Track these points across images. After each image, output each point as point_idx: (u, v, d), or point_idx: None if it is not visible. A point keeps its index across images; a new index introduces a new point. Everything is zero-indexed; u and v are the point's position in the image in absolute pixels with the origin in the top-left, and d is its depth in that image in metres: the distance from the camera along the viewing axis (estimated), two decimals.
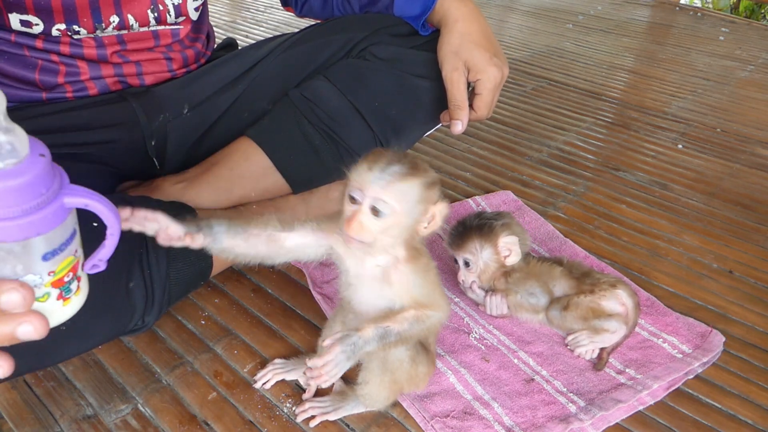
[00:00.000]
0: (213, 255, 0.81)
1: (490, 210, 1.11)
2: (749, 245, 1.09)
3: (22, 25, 0.79)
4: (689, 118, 1.66)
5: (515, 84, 1.81)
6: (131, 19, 0.85)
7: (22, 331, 0.40)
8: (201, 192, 0.86)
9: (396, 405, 0.72)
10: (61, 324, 0.58)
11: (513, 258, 0.84)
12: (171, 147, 0.91)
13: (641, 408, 0.74)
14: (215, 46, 1.06)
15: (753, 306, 0.94)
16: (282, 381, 0.74)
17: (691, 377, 0.79)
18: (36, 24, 0.79)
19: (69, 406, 0.70)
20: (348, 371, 0.74)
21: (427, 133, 1.06)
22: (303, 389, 0.74)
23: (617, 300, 0.81)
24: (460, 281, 0.86)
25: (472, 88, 0.91)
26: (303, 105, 0.90)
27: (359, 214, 0.56)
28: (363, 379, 0.67)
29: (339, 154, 0.91)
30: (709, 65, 2.16)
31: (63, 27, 0.80)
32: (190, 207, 0.82)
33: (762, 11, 3.52)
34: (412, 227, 0.58)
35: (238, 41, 1.14)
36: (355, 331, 0.59)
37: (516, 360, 0.79)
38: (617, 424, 0.72)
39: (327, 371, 0.58)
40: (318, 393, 0.73)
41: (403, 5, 0.96)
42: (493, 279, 0.85)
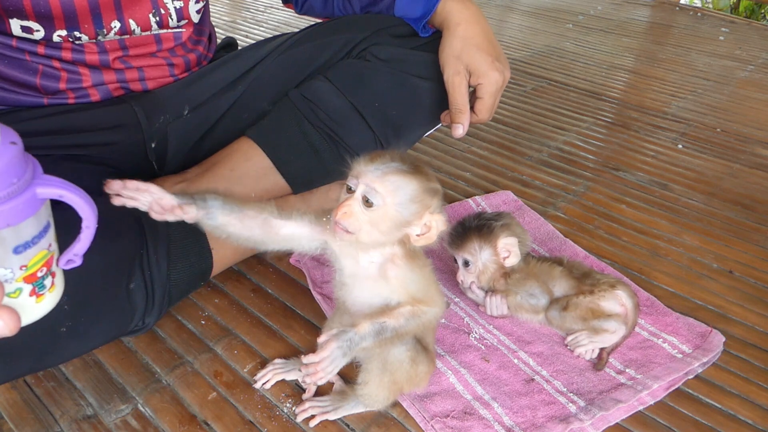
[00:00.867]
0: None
1: (490, 210, 1.11)
2: (749, 245, 1.09)
3: (23, 31, 0.79)
4: (689, 118, 1.66)
5: (515, 84, 1.81)
6: (133, 24, 0.85)
7: None
8: None
9: (396, 405, 0.72)
10: (62, 326, 0.56)
11: (512, 259, 0.84)
12: (171, 148, 0.91)
13: (641, 408, 0.74)
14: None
15: (753, 306, 0.94)
16: (282, 381, 0.74)
17: (691, 377, 0.79)
18: (37, 30, 0.79)
19: (69, 406, 0.70)
20: (348, 371, 0.75)
21: (427, 134, 1.06)
22: (303, 389, 0.74)
23: (617, 300, 0.81)
24: (459, 281, 0.86)
25: (473, 90, 0.91)
26: (303, 105, 0.91)
27: (350, 200, 0.56)
28: (363, 379, 0.67)
29: (339, 154, 0.91)
30: (709, 65, 2.16)
31: (64, 33, 0.80)
32: None
33: (762, 11, 3.52)
34: (400, 226, 0.58)
35: (238, 41, 1.14)
36: (351, 327, 0.59)
37: (516, 360, 0.79)
38: (617, 424, 0.72)
39: (323, 368, 0.58)
40: (318, 393, 0.73)
41: (405, 7, 0.96)
42: (493, 280, 0.85)
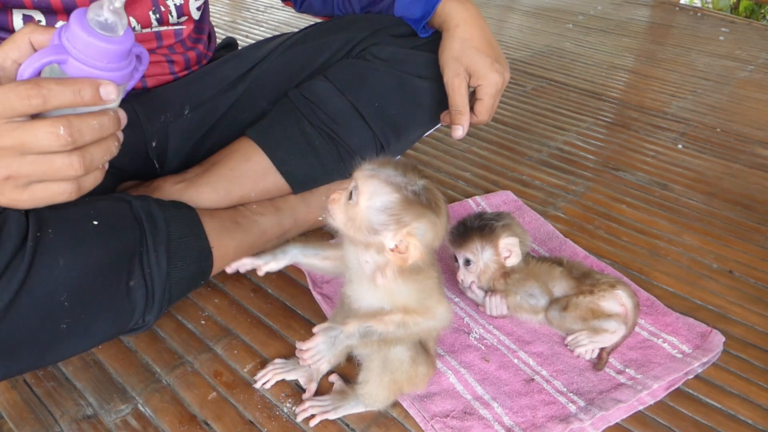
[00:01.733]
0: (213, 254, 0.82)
1: (490, 210, 1.11)
2: (749, 245, 1.09)
3: (24, 22, 0.78)
4: (689, 118, 1.66)
5: (515, 84, 1.81)
6: (133, 21, 0.84)
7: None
8: (201, 192, 0.86)
9: (396, 405, 0.72)
10: (62, 323, 0.64)
11: (513, 259, 0.84)
12: (172, 148, 0.91)
13: (641, 408, 0.74)
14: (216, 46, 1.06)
15: (753, 306, 0.94)
16: (282, 381, 0.74)
17: (691, 377, 0.79)
18: (38, 21, 0.78)
19: (69, 406, 0.70)
20: (349, 371, 0.75)
21: (427, 133, 1.06)
22: (303, 389, 0.74)
23: (616, 300, 0.81)
24: (459, 280, 0.86)
25: (472, 91, 0.91)
26: (303, 105, 0.91)
27: (341, 191, 0.61)
28: (363, 379, 0.68)
29: (339, 154, 0.91)
30: (709, 65, 2.16)
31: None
32: (190, 207, 0.82)
33: (762, 11, 3.52)
34: (370, 231, 0.59)
35: (238, 41, 1.14)
36: (340, 325, 0.62)
37: (516, 360, 0.79)
38: (617, 424, 0.72)
39: (309, 356, 0.62)
40: (318, 392, 0.73)
41: (404, 7, 0.96)
42: (493, 279, 0.85)
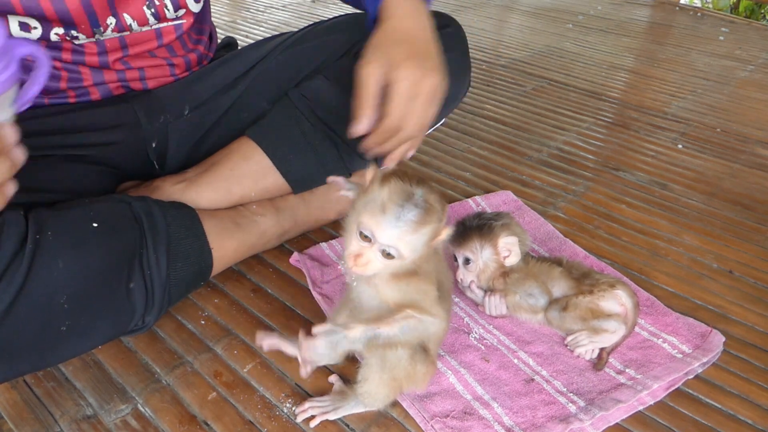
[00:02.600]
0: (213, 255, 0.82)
1: (489, 210, 1.11)
2: (749, 245, 1.09)
3: (21, 29, 0.78)
4: (689, 118, 1.66)
5: (515, 84, 1.81)
6: (128, 19, 0.84)
7: None
8: (201, 192, 0.86)
9: (396, 405, 0.72)
10: (62, 324, 0.60)
11: (512, 259, 0.84)
12: (172, 148, 0.91)
13: (641, 408, 0.74)
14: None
15: (753, 306, 0.94)
16: (282, 381, 0.74)
17: (691, 377, 0.79)
18: (34, 27, 0.78)
19: (69, 406, 0.70)
20: (348, 371, 0.75)
21: (427, 132, 1.06)
22: (303, 389, 0.74)
23: (616, 300, 0.81)
24: (458, 280, 0.86)
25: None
26: (303, 105, 0.91)
27: (369, 252, 0.57)
28: (362, 376, 0.67)
29: (339, 153, 0.91)
30: (709, 65, 2.16)
31: (61, 31, 0.79)
32: (190, 207, 0.82)
33: (762, 11, 3.52)
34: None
35: (238, 41, 1.14)
36: (343, 329, 0.61)
37: (516, 360, 0.79)
38: (617, 424, 0.72)
39: (307, 356, 0.64)
40: (318, 393, 0.73)
41: (369, 3, 0.86)
42: (492, 279, 0.85)
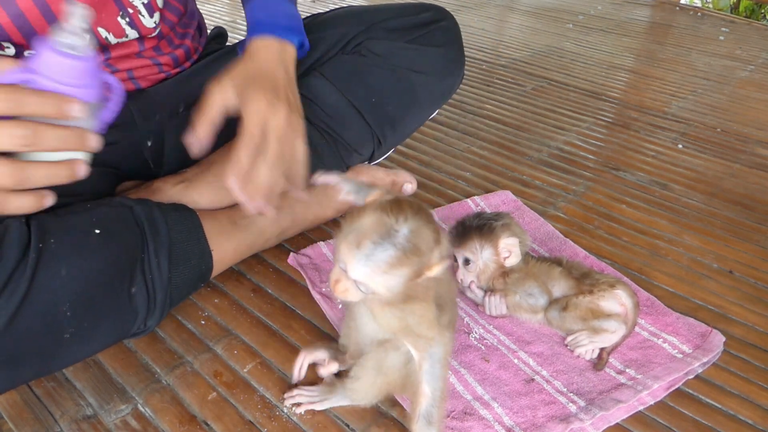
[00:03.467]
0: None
1: (489, 210, 1.11)
2: (749, 245, 1.09)
3: None
4: (689, 118, 1.66)
5: (515, 84, 1.81)
6: (104, 32, 0.81)
7: None
8: (201, 192, 0.86)
9: (396, 405, 0.72)
10: (65, 332, 0.65)
11: (513, 259, 0.84)
12: (168, 147, 0.91)
13: (641, 408, 0.74)
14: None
15: (753, 306, 0.94)
16: (282, 381, 0.74)
17: (691, 377, 0.79)
18: (7, 47, 0.75)
19: (69, 406, 0.70)
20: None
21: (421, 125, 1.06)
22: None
23: (616, 300, 0.81)
24: (458, 280, 0.86)
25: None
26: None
27: (346, 281, 0.54)
28: (355, 374, 0.67)
29: (337, 150, 0.91)
30: (709, 65, 2.16)
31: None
32: (191, 210, 0.82)
33: (762, 11, 3.52)
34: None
35: (238, 41, 1.14)
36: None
37: (516, 360, 0.79)
38: (617, 424, 0.72)
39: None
40: (309, 382, 0.73)
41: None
42: (492, 279, 0.85)
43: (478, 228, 0.84)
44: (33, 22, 0.74)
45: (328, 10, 1.04)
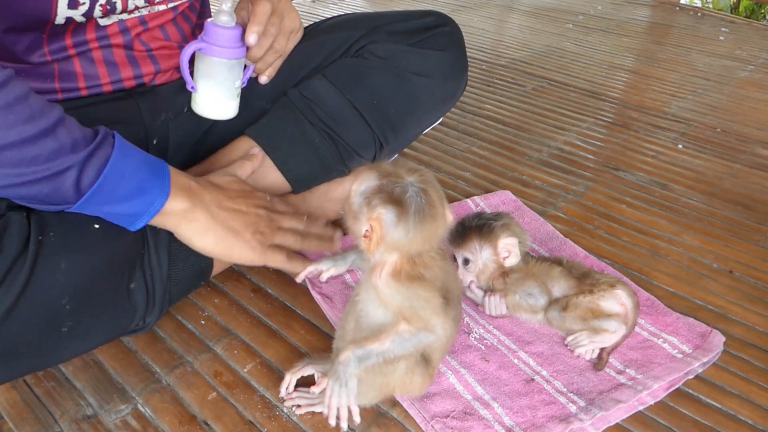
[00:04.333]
0: None
1: (488, 210, 1.11)
2: (749, 245, 1.09)
3: (69, 8, 0.73)
4: (689, 118, 1.66)
5: (515, 84, 1.81)
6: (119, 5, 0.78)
7: None
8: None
9: (396, 405, 0.72)
10: (64, 325, 0.66)
11: (512, 259, 0.84)
12: (172, 146, 0.91)
13: (641, 408, 0.74)
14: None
15: (753, 306, 0.94)
16: (281, 381, 0.74)
17: (691, 377, 0.79)
18: (82, 3, 0.74)
19: (69, 406, 0.70)
20: None
21: (425, 131, 1.06)
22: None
23: (616, 300, 0.81)
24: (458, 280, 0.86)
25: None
26: (302, 104, 0.91)
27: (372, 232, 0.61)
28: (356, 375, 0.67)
29: (338, 152, 0.91)
30: (709, 65, 2.16)
31: (104, 1, 0.75)
32: None
33: (762, 11, 3.52)
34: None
35: None
36: (336, 358, 0.64)
37: (516, 360, 0.79)
38: (617, 424, 0.72)
39: (333, 403, 0.65)
40: (306, 384, 0.73)
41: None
42: (492, 279, 0.85)
43: (477, 228, 0.84)
44: None
45: (327, 10, 1.04)
